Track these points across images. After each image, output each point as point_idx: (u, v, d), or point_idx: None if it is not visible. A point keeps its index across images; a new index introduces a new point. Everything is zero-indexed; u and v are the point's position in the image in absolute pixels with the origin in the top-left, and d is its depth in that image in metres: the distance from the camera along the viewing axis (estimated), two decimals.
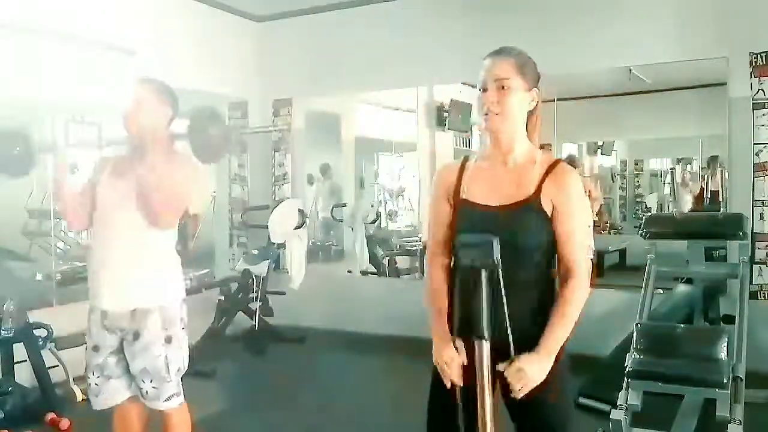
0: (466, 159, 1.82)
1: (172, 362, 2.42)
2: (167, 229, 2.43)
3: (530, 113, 1.76)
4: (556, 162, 1.74)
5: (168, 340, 2.41)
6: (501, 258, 1.53)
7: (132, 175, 2.37)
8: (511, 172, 1.71)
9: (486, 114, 1.69)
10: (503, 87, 1.68)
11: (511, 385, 1.59)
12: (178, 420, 2.52)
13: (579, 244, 1.71)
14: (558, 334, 1.66)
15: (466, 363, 1.65)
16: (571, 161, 5.76)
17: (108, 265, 2.39)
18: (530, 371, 1.59)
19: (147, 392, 2.42)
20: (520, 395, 1.59)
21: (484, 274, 1.53)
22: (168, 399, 2.44)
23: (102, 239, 2.45)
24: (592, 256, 4.10)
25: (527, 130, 1.77)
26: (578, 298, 1.68)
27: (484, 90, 1.70)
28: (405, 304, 5.19)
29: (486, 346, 1.56)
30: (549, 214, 1.68)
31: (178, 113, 2.53)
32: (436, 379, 1.78)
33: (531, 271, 1.68)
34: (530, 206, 1.66)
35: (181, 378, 2.48)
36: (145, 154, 2.36)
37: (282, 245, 5.34)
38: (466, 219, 1.68)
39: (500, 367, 1.59)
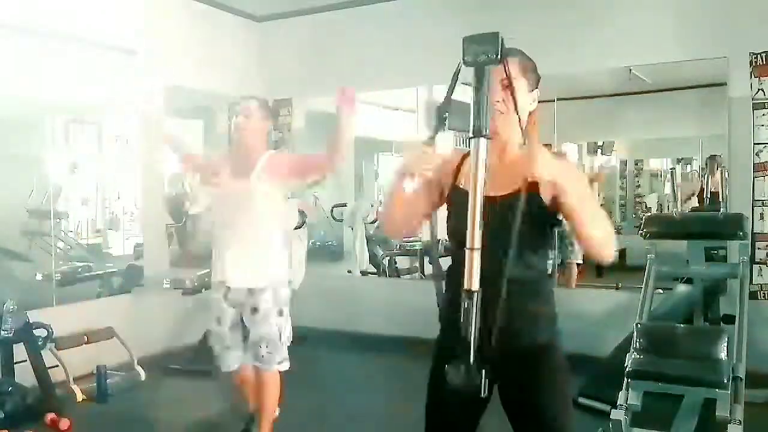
0: (466, 155, 1.83)
1: (283, 331, 3.01)
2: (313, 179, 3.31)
3: (529, 113, 1.77)
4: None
5: (280, 313, 2.99)
6: (497, 247, 1.53)
7: (245, 173, 2.96)
8: (507, 166, 1.72)
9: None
10: (508, 88, 1.69)
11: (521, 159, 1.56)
12: (274, 384, 3.08)
13: (595, 204, 1.69)
14: (584, 192, 1.61)
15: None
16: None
17: (230, 248, 2.97)
18: (542, 152, 1.54)
19: (263, 356, 2.98)
20: (525, 172, 1.53)
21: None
22: (280, 362, 3.02)
23: (225, 229, 3.03)
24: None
25: (527, 130, 1.78)
26: (608, 231, 1.63)
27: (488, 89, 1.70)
28: (405, 304, 5.21)
29: (484, 142, 1.51)
30: (547, 202, 1.67)
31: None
32: (435, 379, 1.78)
33: (527, 258, 1.67)
34: (529, 194, 1.65)
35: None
36: (252, 157, 3.00)
37: None
38: (461, 206, 1.66)
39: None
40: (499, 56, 1.47)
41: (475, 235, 1.49)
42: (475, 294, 1.48)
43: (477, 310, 1.48)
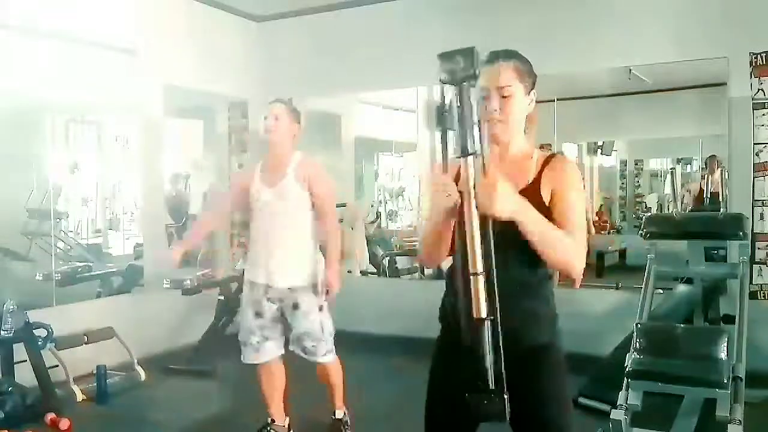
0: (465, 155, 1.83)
1: (325, 326, 3.16)
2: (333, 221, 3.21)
3: (527, 115, 1.78)
4: (553, 155, 1.78)
5: (320, 308, 3.14)
6: (497, 245, 1.52)
7: (278, 177, 3.08)
8: (508, 167, 1.72)
9: (488, 121, 1.70)
10: (505, 95, 1.70)
11: (480, 196, 1.48)
12: (334, 369, 3.29)
13: (579, 218, 1.69)
14: (544, 224, 1.59)
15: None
16: None
17: (270, 251, 3.09)
18: (502, 187, 1.48)
19: (308, 349, 3.14)
20: (484, 210, 1.48)
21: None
22: (324, 354, 3.19)
23: (262, 231, 3.14)
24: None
25: (525, 129, 1.79)
26: (568, 248, 1.63)
27: (485, 97, 1.70)
28: (405, 304, 5.20)
29: (471, 160, 1.47)
30: (547, 202, 1.69)
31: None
32: (435, 379, 1.78)
33: (527, 258, 1.67)
34: (529, 194, 1.66)
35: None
36: (283, 161, 3.10)
37: None
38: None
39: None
40: (476, 72, 1.43)
41: (477, 260, 1.47)
42: (486, 321, 1.46)
43: (490, 337, 1.46)
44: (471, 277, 1.48)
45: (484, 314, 1.47)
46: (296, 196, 3.09)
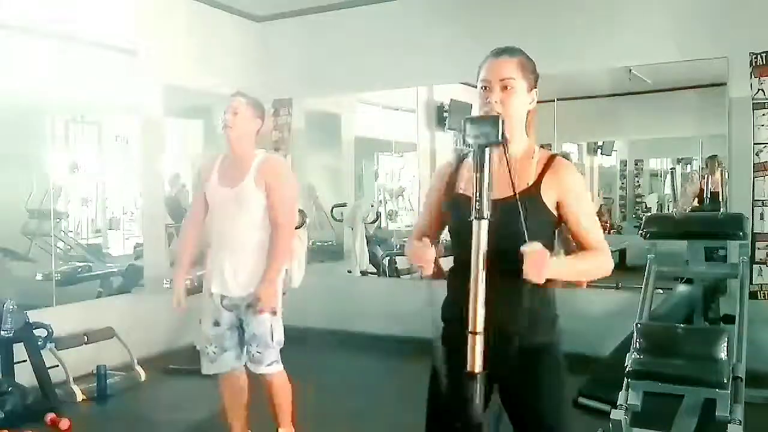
0: (464, 156, 1.83)
1: (275, 331, 2.92)
2: (288, 230, 2.90)
3: (528, 112, 1.78)
4: (553, 156, 1.77)
5: (273, 312, 2.89)
6: (499, 248, 1.53)
7: (236, 178, 2.84)
8: (507, 165, 1.71)
9: (488, 112, 1.69)
10: (507, 87, 1.69)
11: (524, 265, 1.53)
12: (279, 383, 3.00)
13: (595, 224, 1.76)
14: (576, 264, 1.70)
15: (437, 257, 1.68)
16: (565, 157, 5.75)
17: (226, 258, 2.87)
18: (544, 255, 1.54)
19: (253, 356, 2.91)
20: (525, 276, 1.53)
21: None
22: (269, 364, 2.93)
23: (218, 235, 2.92)
24: None
25: (524, 128, 1.79)
26: (602, 264, 1.73)
27: (485, 88, 1.70)
28: (405, 304, 5.20)
29: (485, 224, 1.52)
30: (549, 206, 1.70)
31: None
32: (435, 379, 1.78)
33: None
34: (529, 197, 1.67)
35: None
36: (243, 160, 2.86)
37: None
38: (462, 210, 1.66)
39: (523, 248, 1.54)
40: (499, 138, 1.49)
41: (478, 320, 1.50)
42: (478, 376, 1.50)
43: (481, 393, 1.50)
44: (469, 335, 1.50)
45: (478, 369, 1.50)
46: (255, 201, 2.84)
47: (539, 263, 1.52)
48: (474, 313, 1.49)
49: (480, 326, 1.49)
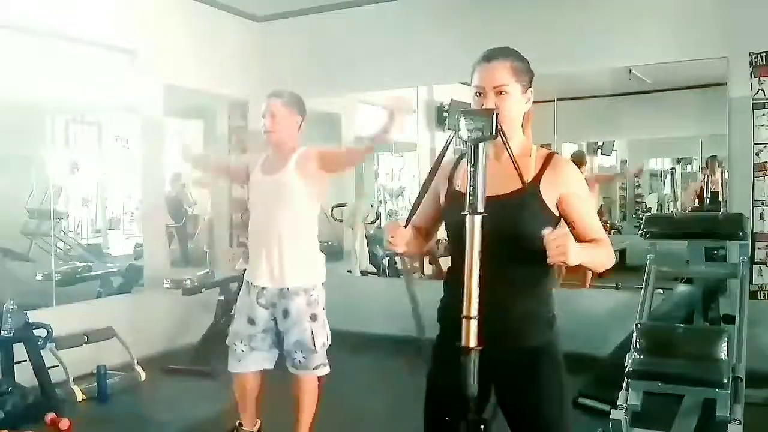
0: (462, 156, 1.83)
1: (317, 337, 2.88)
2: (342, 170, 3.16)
3: (524, 112, 1.78)
4: (552, 154, 1.76)
5: (313, 318, 2.88)
6: (497, 246, 1.53)
7: (279, 173, 2.88)
8: (505, 166, 1.71)
9: None
10: (501, 93, 1.69)
11: (549, 249, 1.53)
12: (308, 387, 2.97)
13: (597, 221, 1.76)
14: (589, 250, 1.66)
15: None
16: (579, 158, 5.74)
17: (265, 248, 2.87)
18: (571, 241, 1.55)
19: (299, 362, 2.90)
20: (551, 260, 1.53)
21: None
22: (316, 368, 2.92)
23: (260, 227, 2.94)
24: None
25: (521, 126, 1.79)
26: (608, 254, 1.72)
27: (479, 94, 1.70)
28: (405, 304, 5.17)
29: (479, 219, 1.51)
30: (549, 203, 1.69)
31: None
32: (433, 379, 1.78)
33: (526, 257, 1.66)
34: (528, 194, 1.66)
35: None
36: (283, 154, 2.91)
37: None
38: (459, 207, 1.65)
39: (544, 231, 1.54)
40: (494, 133, 1.48)
41: (472, 304, 1.49)
42: (473, 351, 1.49)
43: (475, 366, 1.49)
44: (463, 319, 1.50)
45: (473, 344, 1.49)
46: (297, 187, 2.86)
47: (563, 246, 1.52)
48: (468, 299, 1.49)
49: (474, 311, 1.49)
